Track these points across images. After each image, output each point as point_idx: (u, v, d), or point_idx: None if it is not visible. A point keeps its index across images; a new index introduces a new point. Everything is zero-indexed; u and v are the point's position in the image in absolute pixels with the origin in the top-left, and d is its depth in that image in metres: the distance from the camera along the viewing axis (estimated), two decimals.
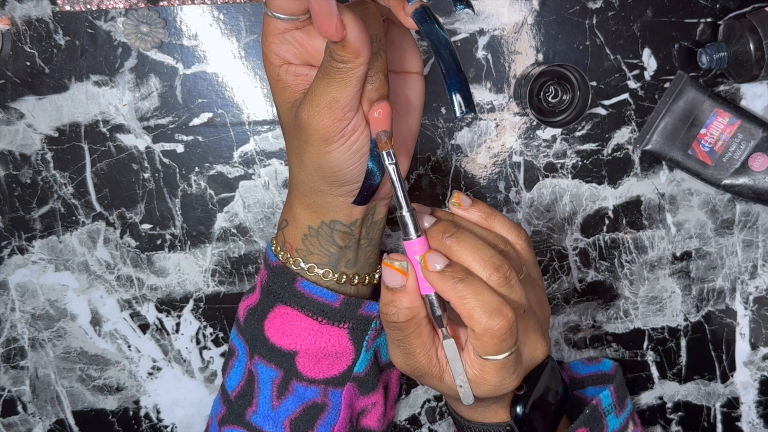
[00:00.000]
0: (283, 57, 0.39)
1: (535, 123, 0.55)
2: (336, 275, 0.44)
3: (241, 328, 0.47)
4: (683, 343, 0.59)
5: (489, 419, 0.43)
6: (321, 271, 0.44)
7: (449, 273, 0.36)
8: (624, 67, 0.54)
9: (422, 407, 0.59)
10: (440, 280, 0.36)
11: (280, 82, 0.39)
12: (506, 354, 0.36)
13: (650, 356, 0.59)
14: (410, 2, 0.36)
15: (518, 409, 0.42)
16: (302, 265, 0.44)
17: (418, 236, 0.37)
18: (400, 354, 0.40)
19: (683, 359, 0.60)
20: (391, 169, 0.37)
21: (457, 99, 0.35)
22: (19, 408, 0.57)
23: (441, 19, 0.41)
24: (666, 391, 0.60)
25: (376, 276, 0.47)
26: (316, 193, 0.41)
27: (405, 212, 0.37)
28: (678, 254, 0.58)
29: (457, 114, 0.35)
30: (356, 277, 0.45)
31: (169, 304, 0.56)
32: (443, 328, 0.38)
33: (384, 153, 0.37)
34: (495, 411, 0.42)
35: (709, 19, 0.54)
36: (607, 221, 0.57)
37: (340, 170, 0.39)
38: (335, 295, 0.43)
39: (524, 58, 0.54)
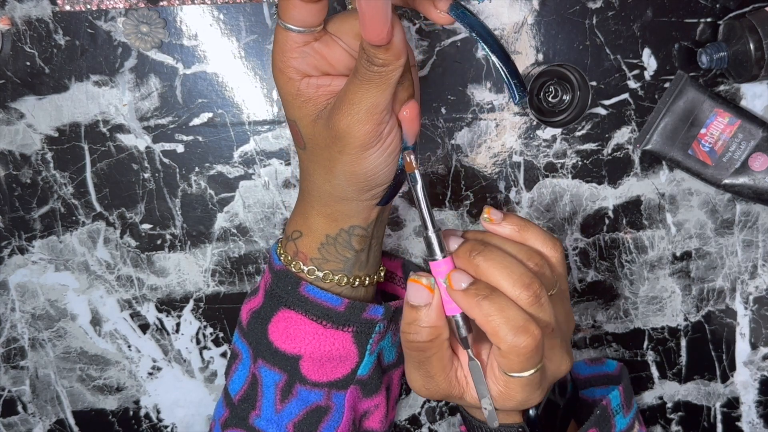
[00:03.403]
0: (303, 71, 0.38)
1: (535, 123, 0.55)
2: (351, 279, 0.44)
3: (244, 332, 0.47)
4: (683, 343, 0.59)
5: (501, 420, 0.43)
6: (336, 278, 0.43)
7: (473, 290, 0.35)
8: (624, 67, 0.54)
9: (422, 407, 0.59)
10: (465, 298, 0.35)
11: (300, 96, 0.38)
12: (532, 371, 0.36)
13: (650, 356, 0.59)
14: None
15: (531, 411, 0.42)
16: (317, 273, 0.43)
17: (444, 256, 0.36)
18: (419, 377, 0.39)
19: (683, 359, 0.60)
20: (418, 188, 0.36)
21: (513, 85, 0.35)
22: (19, 408, 0.57)
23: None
24: (666, 391, 0.60)
25: (382, 274, 0.47)
26: (340, 201, 0.41)
27: (431, 233, 0.36)
28: (678, 254, 0.58)
29: (517, 99, 0.35)
30: (367, 279, 0.45)
31: (169, 304, 0.56)
32: (469, 350, 0.37)
33: (410, 174, 0.36)
34: (507, 412, 0.42)
35: (709, 19, 0.54)
36: (607, 221, 0.57)
37: (374, 174, 0.38)
38: (339, 299, 0.43)
39: (524, 58, 0.54)
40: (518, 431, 0.42)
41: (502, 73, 0.35)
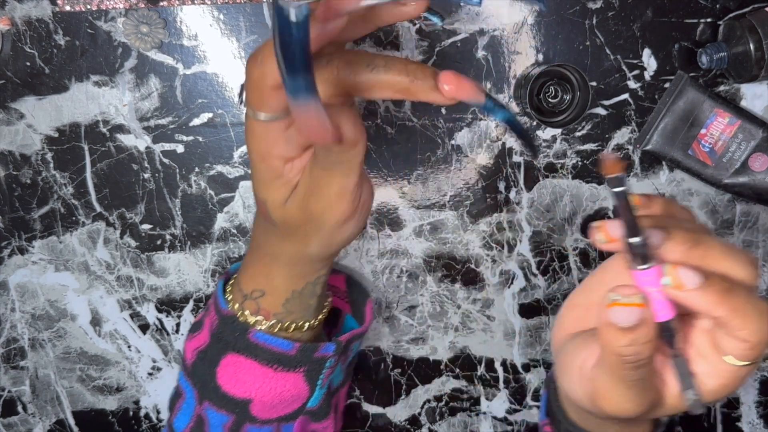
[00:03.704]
0: (288, 156, 0.36)
1: (535, 123, 0.55)
2: (312, 322, 0.43)
3: (188, 371, 0.45)
4: None
5: (628, 426, 0.40)
6: (298, 325, 0.43)
7: (713, 286, 0.31)
8: (624, 67, 0.54)
9: (422, 407, 0.59)
10: (706, 295, 0.31)
11: (281, 178, 0.36)
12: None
13: None
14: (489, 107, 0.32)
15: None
16: (280, 325, 0.42)
17: (652, 264, 0.32)
18: (634, 396, 0.34)
19: None
20: (621, 191, 0.31)
21: None
22: (19, 408, 0.57)
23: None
24: None
25: (330, 300, 0.46)
26: (311, 263, 0.40)
27: (640, 241, 0.31)
28: None
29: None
30: (321, 315, 0.44)
31: (169, 305, 0.56)
32: (676, 348, 0.34)
33: (611, 177, 0.31)
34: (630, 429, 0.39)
35: (709, 19, 0.54)
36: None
37: (349, 240, 0.39)
38: (291, 344, 0.42)
39: (524, 58, 0.54)
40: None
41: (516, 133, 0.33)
